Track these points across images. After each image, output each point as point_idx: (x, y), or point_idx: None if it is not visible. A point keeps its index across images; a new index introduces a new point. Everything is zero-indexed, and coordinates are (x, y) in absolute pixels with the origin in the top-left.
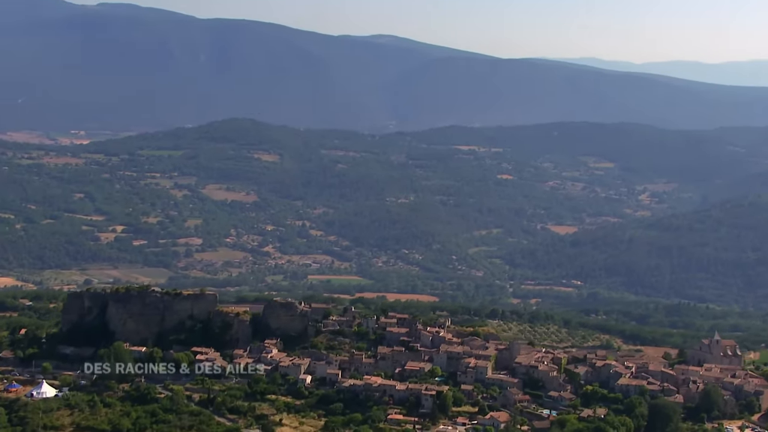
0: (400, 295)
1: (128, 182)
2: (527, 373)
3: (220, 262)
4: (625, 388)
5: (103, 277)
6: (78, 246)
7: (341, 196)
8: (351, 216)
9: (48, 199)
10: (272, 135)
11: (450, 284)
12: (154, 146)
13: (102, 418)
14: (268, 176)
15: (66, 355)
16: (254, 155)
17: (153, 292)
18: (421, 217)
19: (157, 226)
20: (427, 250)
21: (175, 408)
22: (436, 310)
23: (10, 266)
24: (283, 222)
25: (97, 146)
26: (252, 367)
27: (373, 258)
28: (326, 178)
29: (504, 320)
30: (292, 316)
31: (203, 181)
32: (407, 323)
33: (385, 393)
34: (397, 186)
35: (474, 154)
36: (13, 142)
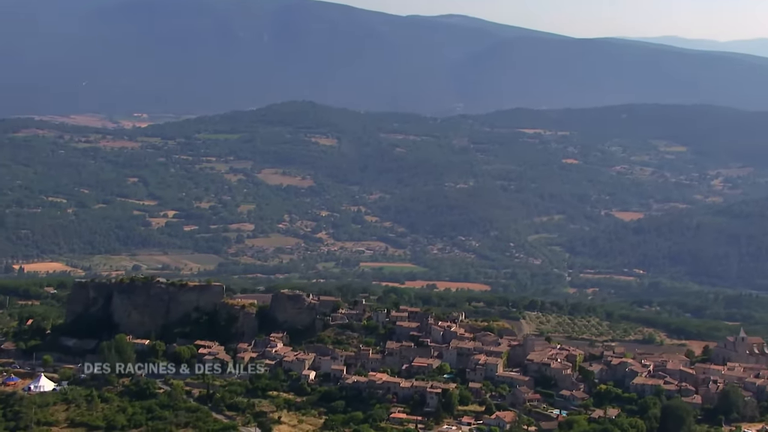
0: (451, 283)
1: (183, 166)
2: (539, 371)
3: (271, 248)
4: (640, 387)
5: (153, 263)
6: (128, 231)
7: (399, 181)
8: (407, 201)
9: (101, 183)
10: (331, 118)
11: (505, 273)
12: (211, 130)
13: (98, 414)
14: (325, 160)
15: (68, 347)
16: (311, 139)
17: (158, 283)
18: (479, 202)
19: (209, 211)
20: (485, 237)
21: (173, 404)
22: (473, 301)
23: (61, 251)
24: (337, 207)
25: (155, 130)
26: (255, 362)
27: (428, 245)
28: (384, 163)
29: (543, 312)
30: (299, 308)
31: (259, 166)
32: (419, 317)
33: (389, 390)
34: (457, 171)
35: (539, 138)
36: (72, 125)
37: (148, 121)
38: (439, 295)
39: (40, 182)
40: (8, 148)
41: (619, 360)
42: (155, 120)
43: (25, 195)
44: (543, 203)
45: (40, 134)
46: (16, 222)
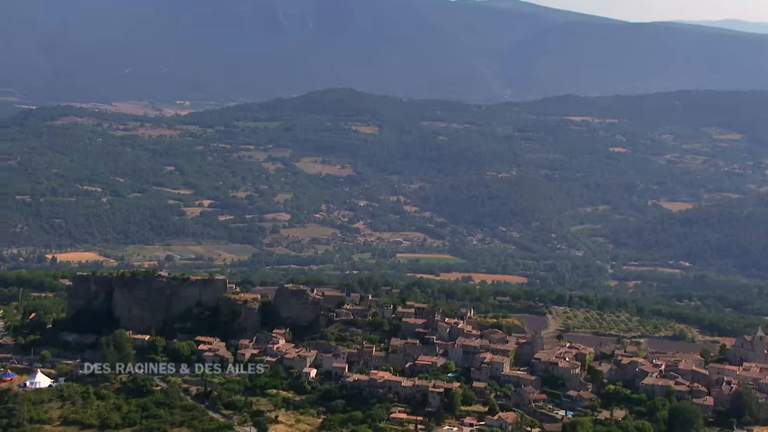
0: (488, 275)
1: (221, 155)
2: (547, 370)
3: (307, 238)
4: (650, 388)
5: (186, 253)
6: (162, 221)
7: (439, 170)
8: (448, 191)
9: (137, 172)
10: (372, 106)
11: (544, 264)
12: (250, 117)
13: (92, 412)
14: (365, 149)
15: (68, 342)
16: (352, 127)
17: (159, 277)
18: (521, 192)
19: (245, 200)
20: (526, 227)
21: (169, 402)
22: (498, 295)
23: (94, 240)
24: (376, 197)
25: (194, 117)
26: (256, 360)
27: (467, 236)
28: (425, 151)
29: (571, 307)
30: (303, 304)
31: (298, 154)
32: (425, 314)
33: (390, 390)
34: (500, 159)
35: (587, 126)
36: (110, 112)
37: (191, 109)
38: (464, 288)
39: (76, 170)
40: (46, 136)
41: (630, 359)
42: (197, 107)
43: (60, 184)
44: (588, 193)
45: (79, 122)
46: (50, 211)
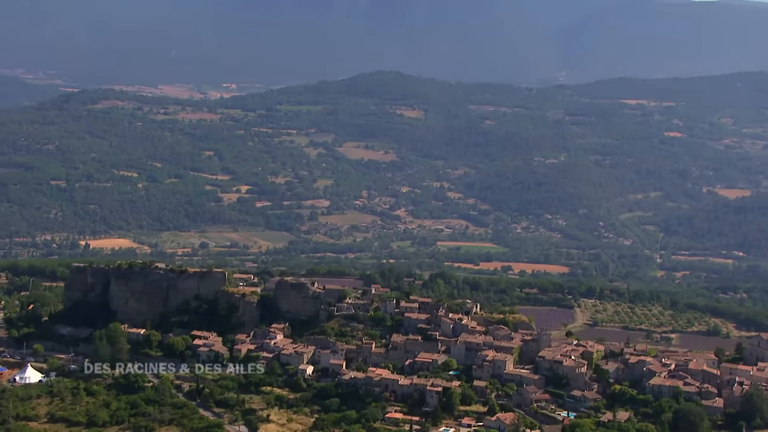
0: (529, 265)
1: (262, 139)
2: (551, 369)
3: (346, 226)
4: (657, 388)
5: (221, 241)
6: (198, 207)
7: (485, 156)
8: (493, 177)
9: (175, 157)
10: (418, 89)
11: (589, 254)
12: (294, 101)
13: (80, 409)
14: (410, 134)
15: (62, 335)
16: (397, 111)
17: (156, 269)
18: (569, 179)
19: (284, 186)
20: (573, 215)
21: (159, 399)
22: (525, 287)
23: (129, 227)
24: (419, 183)
25: (236, 101)
26: (252, 355)
27: (511, 223)
28: (471, 136)
29: (601, 299)
30: (303, 298)
31: (341, 139)
32: (429, 308)
33: (387, 388)
34: (548, 145)
35: (641, 110)
36: (151, 96)
37: (236, 92)
38: (489, 280)
39: (113, 155)
40: (86, 120)
41: (637, 358)
42: (243, 91)
43: (97, 169)
44: (639, 179)
45: (119, 106)
46: (85, 197)
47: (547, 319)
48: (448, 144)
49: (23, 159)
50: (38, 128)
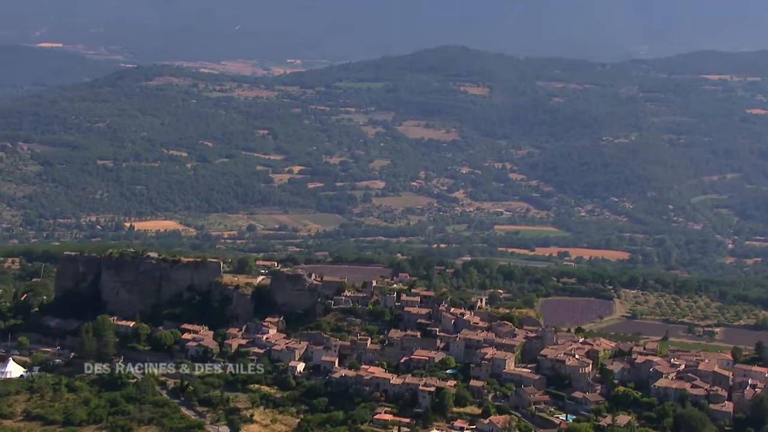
0: (587, 250)
1: (318, 117)
2: (553, 368)
3: (400, 208)
4: (662, 391)
5: (270, 223)
6: (248, 188)
7: (551, 135)
8: (557, 158)
9: (228, 136)
10: (484, 65)
11: (654, 239)
12: (354, 78)
13: (59, 406)
14: (474, 112)
15: (50, 327)
16: (461, 88)
17: (148, 259)
18: (639, 159)
19: (338, 167)
20: (641, 198)
21: (141, 397)
22: (564, 276)
23: (176, 208)
24: (480, 164)
25: (294, 78)
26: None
27: (575, 206)
28: (537, 115)
29: (644, 290)
30: (300, 290)
31: (401, 117)
32: (431, 302)
33: (378, 387)
34: (619, 123)
35: (723, 85)
36: (208, 73)
37: (301, 68)
38: (524, 269)
39: (164, 134)
40: (138, 97)
41: (645, 358)
42: (308, 66)
43: (145, 148)
44: (715, 160)
45: (174, 82)
46: (132, 177)
47: (583, 311)
48: (512, 122)
49: (72, 138)
50: (90, 106)
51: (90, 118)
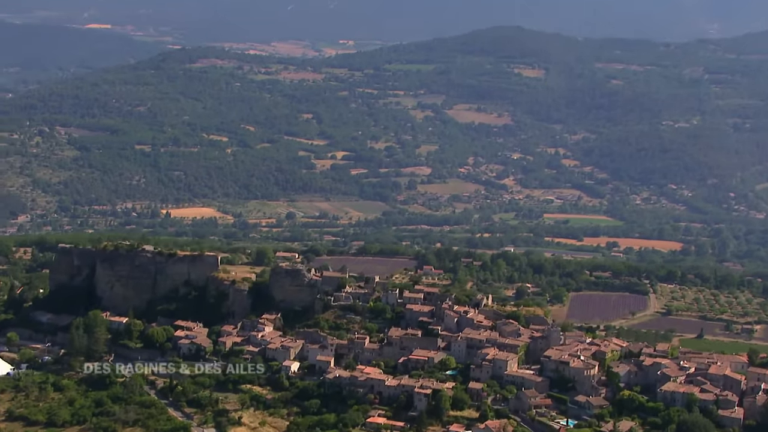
0: (639, 241)
1: (366, 101)
2: (557, 370)
3: (446, 195)
4: (669, 395)
5: (310, 210)
6: (289, 174)
7: (608, 120)
8: (614, 143)
9: (270, 120)
10: (540, 46)
11: (711, 229)
12: (404, 60)
13: (43, 406)
14: (527, 95)
15: (41, 323)
16: (515, 70)
17: (143, 252)
18: (700, 144)
19: (383, 152)
20: (700, 185)
21: (127, 397)
22: (597, 270)
23: (214, 195)
24: (532, 149)
25: (343, 60)
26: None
27: (630, 194)
28: (595, 98)
29: (682, 285)
30: (298, 286)
31: (451, 101)
32: (435, 299)
33: (372, 389)
34: (681, 106)
35: None
36: (253, 55)
37: (353, 49)
38: (556, 262)
39: (205, 118)
40: (182, 80)
41: (653, 361)
42: (361, 47)
43: (185, 133)
44: None
45: (219, 65)
46: (170, 162)
47: (615, 306)
48: (567, 106)
49: (111, 122)
50: (132, 89)
51: (131, 101)
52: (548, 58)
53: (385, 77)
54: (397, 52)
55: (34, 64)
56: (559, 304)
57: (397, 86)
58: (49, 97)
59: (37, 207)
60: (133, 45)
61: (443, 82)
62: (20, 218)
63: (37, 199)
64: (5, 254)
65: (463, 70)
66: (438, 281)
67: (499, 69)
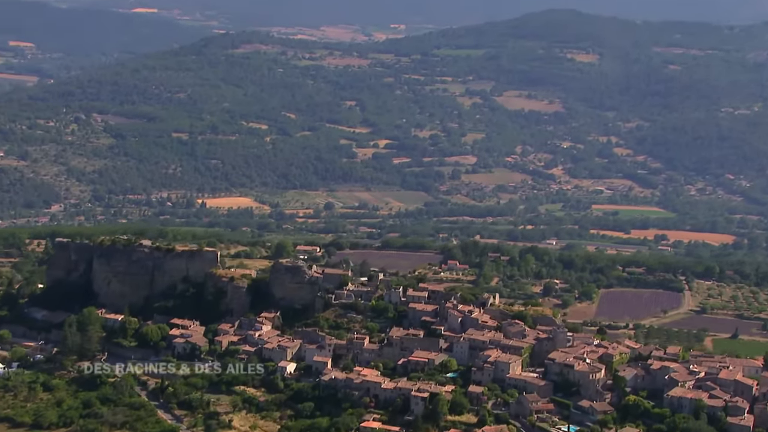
0: (689, 233)
1: (411, 88)
2: (561, 373)
3: (491, 186)
4: (676, 401)
5: (350, 200)
6: (329, 163)
7: (664, 107)
8: (669, 131)
9: (312, 107)
10: (595, 30)
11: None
12: (453, 44)
13: (30, 407)
14: (580, 81)
15: (36, 319)
16: (568, 55)
17: (141, 247)
18: (760, 133)
19: (427, 141)
20: (759, 175)
21: (116, 398)
22: (630, 265)
23: (252, 184)
24: (583, 138)
25: (390, 45)
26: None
27: (685, 185)
28: (650, 84)
29: (720, 282)
30: (299, 283)
31: (501, 87)
32: (439, 298)
33: (368, 392)
34: (741, 93)
35: None
36: (298, 40)
37: (405, 34)
38: (587, 257)
39: (246, 105)
40: (223, 66)
41: (660, 364)
42: (413, 32)
43: (224, 120)
44: None
45: (262, 50)
46: (207, 151)
47: (646, 304)
48: (622, 93)
49: (149, 109)
50: (172, 75)
51: (171, 88)
52: (603, 43)
53: (433, 63)
54: (446, 36)
55: (78, 50)
56: (588, 301)
57: (445, 72)
58: (88, 84)
59: (71, 196)
60: (178, 29)
61: (493, 67)
62: (53, 208)
63: (71, 188)
64: (18, 246)
65: (514, 55)
66: (462, 276)
67: (552, 54)
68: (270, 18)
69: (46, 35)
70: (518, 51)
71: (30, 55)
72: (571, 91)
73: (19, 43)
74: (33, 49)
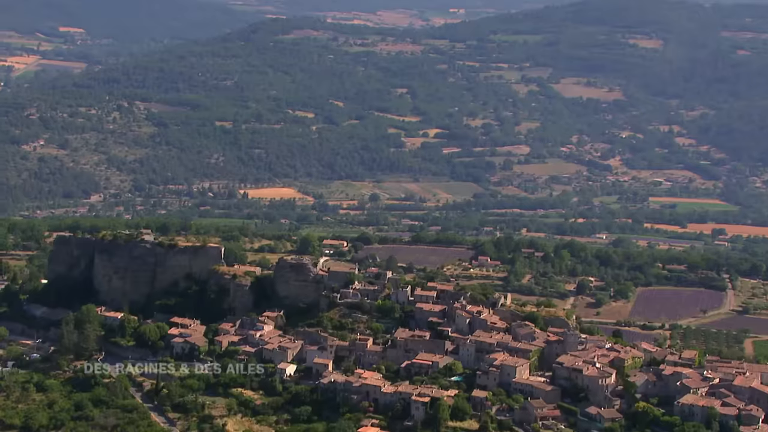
0: (749, 228)
1: (465, 74)
2: (570, 378)
3: (544, 177)
4: (687, 409)
5: (396, 192)
6: (375, 153)
7: (731, 94)
8: (735, 120)
9: (361, 95)
10: (661, 14)
11: None
12: (510, 30)
13: (21, 409)
14: (643, 67)
15: (35, 317)
16: (630, 41)
17: (143, 243)
18: None
19: (479, 130)
20: None
21: (109, 400)
22: (672, 263)
23: (296, 174)
24: (644, 127)
25: (445, 30)
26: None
27: (749, 176)
28: (717, 70)
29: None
30: (303, 281)
31: (559, 74)
32: (447, 298)
33: (368, 396)
34: None
35: None
36: (350, 25)
37: (464, 18)
38: (626, 254)
39: (293, 93)
40: (272, 52)
41: (673, 370)
42: (471, 17)
43: (269, 108)
44: None
45: (313, 36)
46: (251, 140)
47: (686, 303)
48: (687, 80)
49: (194, 96)
50: (219, 62)
51: (217, 75)
52: (669, 27)
53: (489, 49)
54: (504, 21)
55: (128, 36)
56: (623, 300)
57: (500, 58)
58: (134, 71)
59: (110, 186)
60: (232, 15)
61: (551, 53)
62: (93, 197)
63: (111, 178)
64: (36, 239)
65: (574, 41)
66: (492, 273)
67: (613, 39)
68: (326, 2)
69: (96, 21)
70: (578, 36)
71: (80, 41)
72: (633, 78)
73: (69, 28)
74: (83, 34)
